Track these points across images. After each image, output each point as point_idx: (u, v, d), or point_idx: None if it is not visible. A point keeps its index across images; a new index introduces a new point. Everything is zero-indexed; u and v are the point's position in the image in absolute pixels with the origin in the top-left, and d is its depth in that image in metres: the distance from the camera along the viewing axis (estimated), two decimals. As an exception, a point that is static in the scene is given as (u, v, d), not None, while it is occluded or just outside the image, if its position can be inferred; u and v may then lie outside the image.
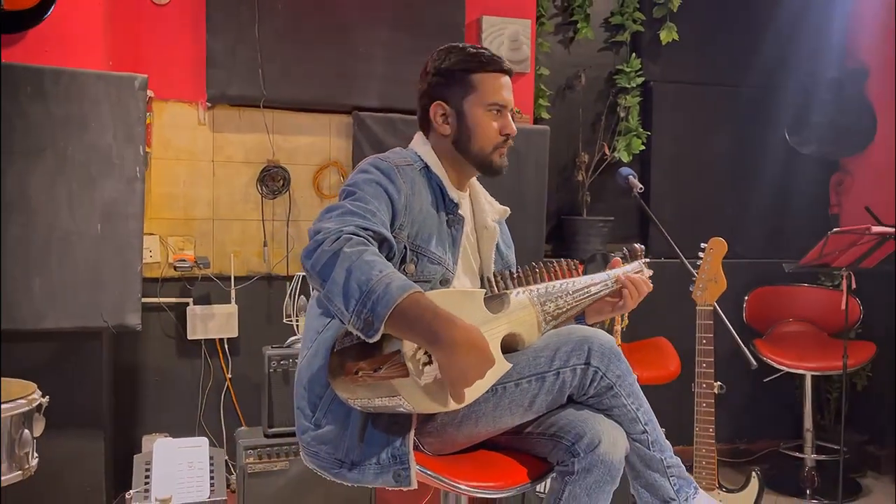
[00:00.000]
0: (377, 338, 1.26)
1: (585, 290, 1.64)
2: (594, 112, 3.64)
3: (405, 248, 1.54)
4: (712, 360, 2.27)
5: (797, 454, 3.43)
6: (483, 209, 1.76)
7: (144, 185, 2.61)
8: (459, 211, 1.65)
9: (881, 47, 3.82)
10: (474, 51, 1.65)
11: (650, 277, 1.82)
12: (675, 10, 3.59)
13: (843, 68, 3.86)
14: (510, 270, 1.59)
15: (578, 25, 3.57)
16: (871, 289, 3.43)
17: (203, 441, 2.69)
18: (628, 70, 3.61)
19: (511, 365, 1.44)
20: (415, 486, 1.46)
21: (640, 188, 2.33)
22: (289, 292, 2.96)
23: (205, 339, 3.05)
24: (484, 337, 1.27)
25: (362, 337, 1.28)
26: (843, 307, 2.80)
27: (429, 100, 1.67)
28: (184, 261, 2.93)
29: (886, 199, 3.73)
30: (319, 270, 1.32)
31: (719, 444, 3.72)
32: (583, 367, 1.49)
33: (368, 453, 1.47)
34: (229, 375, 3.09)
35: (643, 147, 3.60)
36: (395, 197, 1.51)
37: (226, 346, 3.08)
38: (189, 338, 3.01)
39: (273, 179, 3.07)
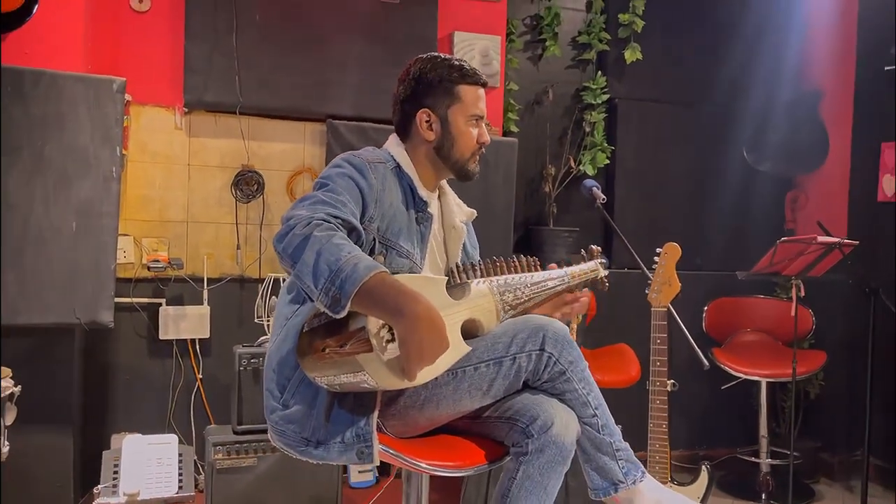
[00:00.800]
0: (344, 314, 1.34)
1: (543, 284, 1.74)
2: (561, 126, 3.78)
3: (375, 240, 1.63)
4: (666, 358, 2.38)
5: (753, 459, 3.55)
6: (452, 210, 1.86)
7: (120, 186, 2.67)
8: (428, 209, 1.75)
9: (834, 71, 4.02)
10: (458, 63, 1.76)
11: (607, 278, 1.92)
12: (639, 31, 3.75)
13: (798, 90, 4.05)
14: (472, 262, 1.68)
15: (547, 43, 3.71)
16: (823, 299, 3.59)
17: (172, 438, 2.73)
18: (594, 87, 3.75)
19: (470, 348, 1.53)
20: (377, 462, 1.53)
21: (604, 199, 2.45)
22: (260, 293, 3.02)
23: (176, 340, 3.09)
24: (442, 318, 1.36)
25: (330, 314, 1.36)
26: (793, 314, 2.93)
27: (414, 106, 1.75)
28: (158, 261, 2.99)
29: (838, 215, 3.92)
30: (291, 252, 1.40)
31: (679, 451, 3.86)
32: (538, 352, 1.58)
33: (333, 432, 1.54)
34: (200, 375, 3.13)
35: (608, 161, 3.74)
36: (365, 190, 1.60)
37: (197, 347, 3.12)
38: (161, 338, 3.06)
39: (247, 184, 3.15)
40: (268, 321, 2.93)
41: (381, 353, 1.34)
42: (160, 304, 3.07)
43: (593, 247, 1.97)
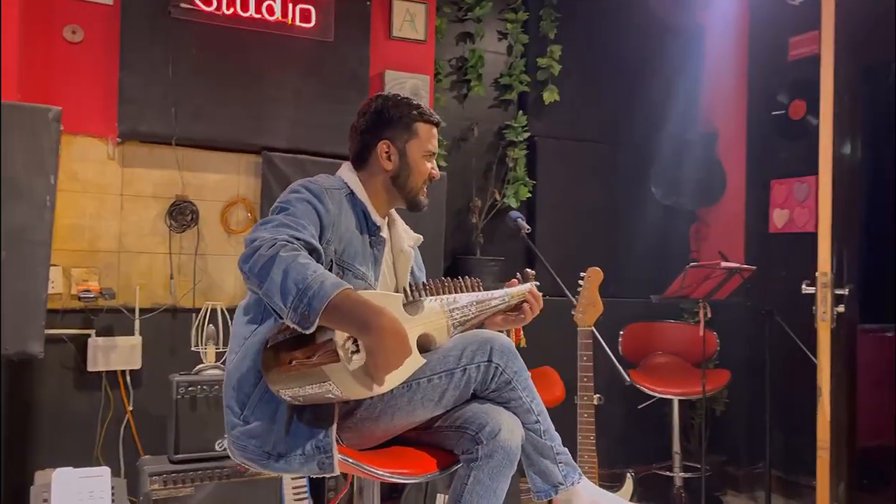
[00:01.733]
0: (313, 329, 1.43)
1: (487, 302, 1.88)
2: (486, 161, 3.98)
3: (332, 262, 1.73)
4: (592, 374, 2.56)
5: (668, 474, 3.78)
6: (400, 235, 1.99)
7: (53, 215, 2.65)
8: (381, 234, 1.87)
9: (729, 114, 4.42)
10: (416, 103, 1.91)
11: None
12: (556, 74, 4.03)
13: (696, 132, 4.43)
14: (423, 282, 1.81)
15: (472, 84, 3.93)
16: (726, 321, 3.90)
17: (105, 471, 2.68)
18: (516, 125, 3.98)
19: (425, 360, 1.65)
20: (337, 472, 1.61)
21: (528, 229, 2.64)
22: (196, 323, 3.03)
23: (106, 371, 3.04)
24: (405, 329, 1.48)
25: (299, 329, 1.45)
26: (701, 334, 3.19)
27: (374, 137, 1.88)
28: (88, 291, 2.95)
29: (736, 245, 4.28)
30: (258, 272, 1.49)
31: (602, 469, 4.04)
32: (486, 363, 1.71)
33: (294, 445, 1.62)
34: (130, 408, 3.08)
35: (530, 194, 3.96)
36: (323, 215, 1.71)
37: (128, 378, 3.08)
38: (89, 370, 3.00)
39: (182, 214, 3.16)
40: (204, 350, 2.93)
41: (348, 364, 1.44)
42: (89, 335, 3.02)
43: (528, 270, 2.14)
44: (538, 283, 2.16)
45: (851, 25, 3.06)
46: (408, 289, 1.74)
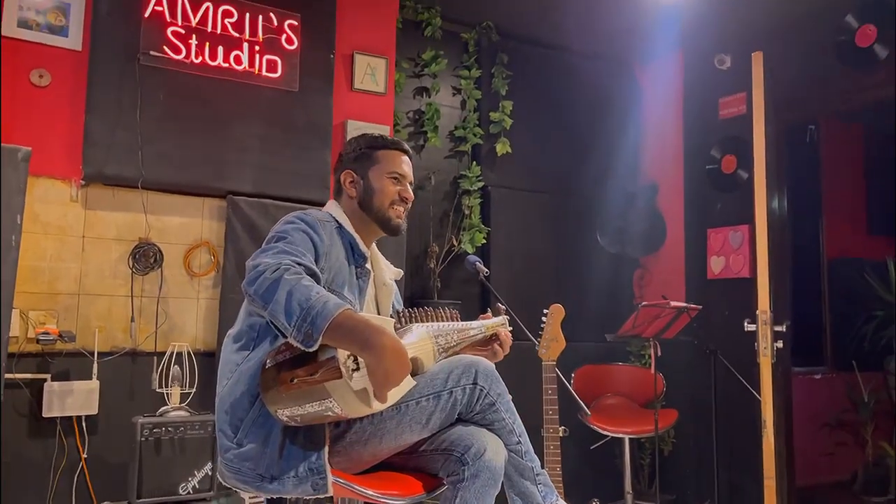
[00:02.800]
0: (316, 347, 1.50)
1: (467, 331, 1.98)
2: (442, 209, 4.12)
3: (324, 289, 1.80)
4: (556, 407, 2.67)
5: (622, 513, 3.87)
6: (382, 269, 2.08)
7: (18, 255, 2.63)
8: (366, 265, 1.95)
9: (666, 168, 4.72)
10: (377, 134, 2.05)
11: (510, 330, 2.19)
12: (508, 128, 4.25)
13: (638, 184, 4.70)
14: (409, 310, 1.89)
15: (428, 135, 4.10)
16: (673, 360, 4.08)
17: (62, 518, 2.60)
18: (470, 175, 4.15)
19: (416, 383, 1.72)
20: (331, 493, 1.65)
21: (486, 272, 2.75)
22: (160, 365, 3.00)
23: (61, 417, 2.96)
24: (404, 347, 1.55)
25: (302, 347, 1.51)
26: (653, 371, 3.35)
27: (339, 170, 2.02)
28: (47, 333, 2.89)
29: (678, 290, 4.51)
30: (262, 294, 1.55)
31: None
32: (471, 386, 1.80)
33: (287, 468, 1.65)
34: (84, 455, 3.00)
35: (484, 241, 4.11)
36: (318, 244, 1.79)
37: (83, 424, 3.01)
38: (44, 415, 2.92)
39: (145, 256, 3.16)
40: (168, 391, 2.90)
41: (349, 381, 1.50)
42: (45, 380, 2.94)
43: (500, 305, 2.25)
44: (508, 318, 2.28)
45: (776, 87, 3.37)
46: (398, 314, 1.82)
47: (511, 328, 2.22)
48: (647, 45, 4.61)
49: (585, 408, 2.73)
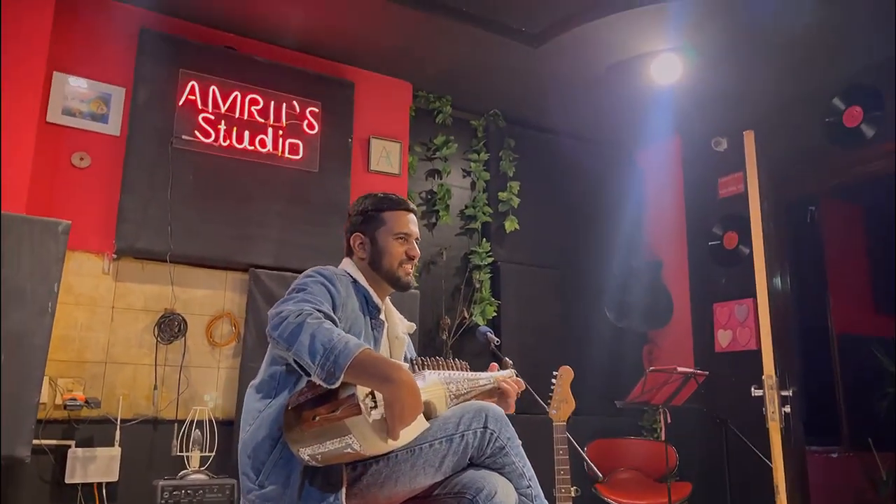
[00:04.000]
0: (338, 384, 1.61)
1: (477, 380, 2.09)
2: (454, 284, 4.27)
3: (341, 338, 1.92)
4: (568, 467, 2.71)
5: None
6: (396, 323, 2.20)
7: (53, 321, 2.78)
8: (380, 316, 2.08)
9: (670, 245, 4.88)
10: (384, 195, 2.19)
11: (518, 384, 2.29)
12: (516, 207, 4.45)
13: (642, 260, 4.85)
14: (422, 358, 2.01)
15: (440, 213, 4.30)
16: (685, 431, 4.10)
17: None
18: (480, 251, 4.33)
19: (429, 425, 1.82)
20: (349, 530, 1.72)
21: (497, 342, 2.86)
22: (181, 430, 3.08)
23: (82, 484, 3.03)
24: (418, 385, 1.67)
25: (324, 385, 1.62)
26: (663, 438, 3.38)
27: (349, 233, 2.16)
28: (74, 400, 3.00)
29: (686, 364, 4.56)
30: (287, 337, 1.68)
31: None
32: (482, 429, 1.89)
33: (306, 508, 1.73)
34: (103, 523, 3.05)
35: (495, 313, 4.23)
36: (335, 296, 1.93)
37: (104, 491, 3.06)
38: (67, 482, 2.99)
39: (170, 326, 3.30)
40: (188, 454, 2.98)
41: (368, 416, 1.61)
42: (69, 446, 3.03)
43: (507, 360, 2.36)
44: (515, 371, 2.38)
45: (772, 166, 3.55)
46: (414, 360, 1.94)
47: (521, 379, 2.32)
48: (644, 131, 4.85)
49: (598, 472, 2.78)
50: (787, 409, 3.21)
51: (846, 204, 5.69)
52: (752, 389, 3.23)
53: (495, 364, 2.25)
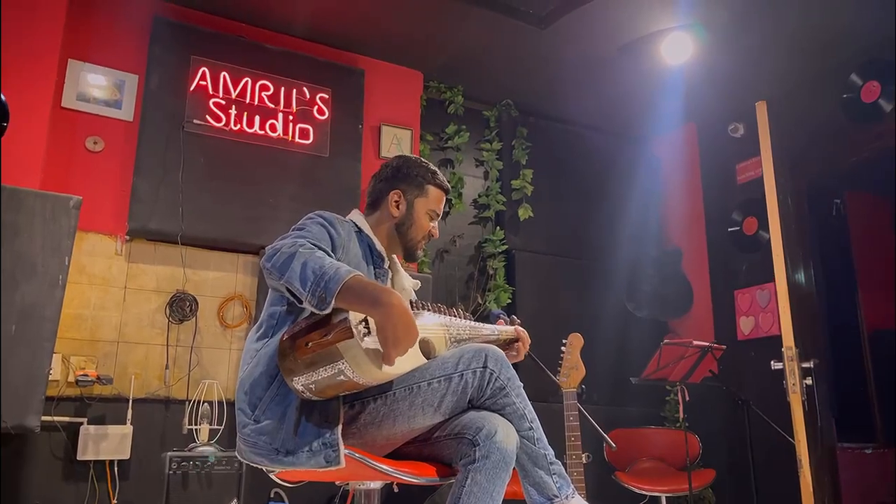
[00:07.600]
0: (329, 310, 1.59)
1: (479, 329, 2.05)
2: (468, 272, 4.24)
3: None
4: (579, 433, 2.65)
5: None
6: (402, 275, 2.18)
7: (64, 293, 2.80)
8: (385, 265, 2.06)
9: (689, 233, 4.80)
10: (433, 169, 2.15)
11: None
12: (529, 195, 4.42)
13: (661, 249, 4.77)
14: (423, 302, 1.98)
15: (454, 202, 4.29)
16: (707, 419, 3.99)
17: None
18: (494, 239, 4.30)
19: (426, 361, 1.79)
20: (343, 464, 1.69)
21: (518, 321, 2.83)
22: (192, 405, 3.08)
23: (94, 461, 3.03)
24: (410, 309, 1.64)
25: (316, 311, 1.61)
26: (681, 415, 3.30)
27: (389, 186, 2.11)
28: (86, 376, 3.02)
29: (708, 352, 4.46)
30: (279, 266, 1.67)
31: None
32: (481, 369, 1.85)
33: (301, 443, 1.70)
34: (115, 501, 3.03)
35: (510, 300, 4.18)
36: (335, 237, 1.91)
37: (115, 469, 3.06)
38: (79, 458, 2.99)
39: (181, 305, 3.31)
40: (197, 427, 2.97)
41: (360, 341, 1.59)
42: (81, 423, 3.04)
43: (513, 316, 2.32)
44: (520, 324, 2.34)
45: (788, 144, 3.47)
46: (413, 301, 1.91)
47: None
48: (659, 119, 4.81)
49: (611, 443, 2.70)
50: (809, 381, 3.11)
51: (873, 197, 5.56)
52: (772, 363, 3.14)
53: (502, 320, 2.21)
